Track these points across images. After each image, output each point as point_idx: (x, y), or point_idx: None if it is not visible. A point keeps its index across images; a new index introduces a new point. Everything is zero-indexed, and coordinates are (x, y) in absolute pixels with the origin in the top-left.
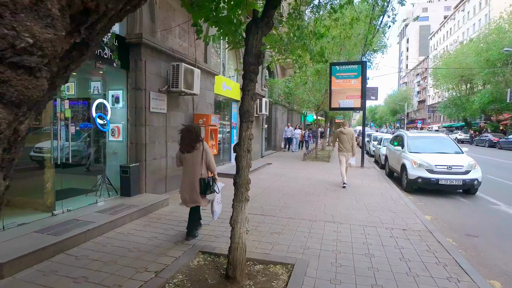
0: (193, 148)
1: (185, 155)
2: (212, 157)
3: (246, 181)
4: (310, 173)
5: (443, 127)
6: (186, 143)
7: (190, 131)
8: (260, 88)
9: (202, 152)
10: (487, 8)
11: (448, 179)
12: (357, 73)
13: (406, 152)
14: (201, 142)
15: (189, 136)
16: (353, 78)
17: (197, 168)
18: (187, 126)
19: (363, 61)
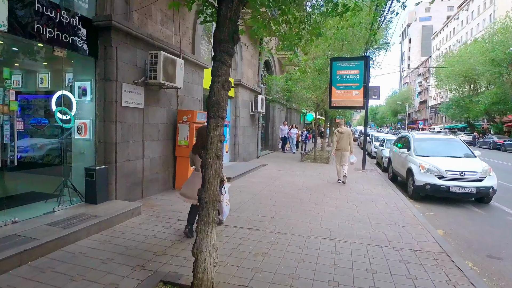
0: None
1: (196, 156)
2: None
3: (215, 197)
4: (307, 176)
5: (445, 128)
6: (199, 145)
7: (203, 134)
8: (256, 84)
9: None
10: (492, 7)
11: (460, 187)
12: (360, 70)
13: (412, 155)
14: None
15: (202, 139)
16: (355, 75)
17: None
18: (201, 129)
19: (366, 56)
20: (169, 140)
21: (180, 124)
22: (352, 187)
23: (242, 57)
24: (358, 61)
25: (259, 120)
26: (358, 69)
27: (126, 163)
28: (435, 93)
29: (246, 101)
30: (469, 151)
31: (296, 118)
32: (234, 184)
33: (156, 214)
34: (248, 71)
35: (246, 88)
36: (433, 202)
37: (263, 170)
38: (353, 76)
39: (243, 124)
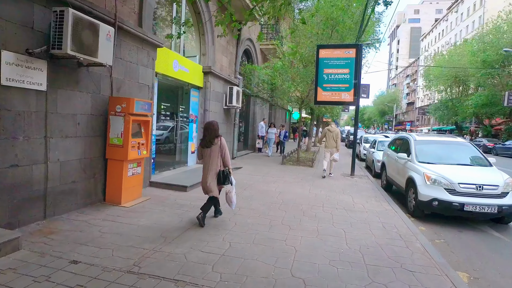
0: (211, 143)
1: (205, 150)
2: (228, 152)
3: None
4: (287, 184)
5: (432, 130)
6: (207, 139)
7: (210, 129)
8: (233, 75)
9: (220, 146)
10: (481, 9)
11: (478, 204)
12: (350, 69)
13: (414, 161)
14: (219, 138)
15: (209, 133)
16: (344, 75)
17: (215, 161)
18: (208, 124)
19: (358, 44)
20: (95, 137)
21: (113, 116)
22: (340, 199)
23: (214, 40)
24: (348, 49)
25: (236, 116)
26: (349, 68)
27: (12, 170)
28: (422, 95)
29: (218, 93)
30: (482, 158)
31: (281, 116)
32: (188, 196)
33: (47, 249)
34: (223, 59)
35: (219, 77)
36: (439, 221)
37: (236, 175)
38: (342, 76)
39: (214, 119)
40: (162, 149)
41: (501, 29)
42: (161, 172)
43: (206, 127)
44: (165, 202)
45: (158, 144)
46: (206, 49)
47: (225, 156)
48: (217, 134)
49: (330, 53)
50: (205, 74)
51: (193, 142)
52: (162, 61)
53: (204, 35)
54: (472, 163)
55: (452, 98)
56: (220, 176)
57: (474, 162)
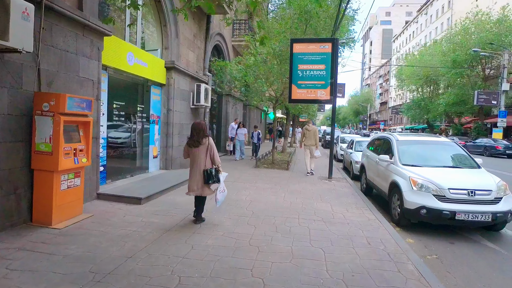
0: (199, 143)
1: (193, 149)
2: (216, 151)
3: None
4: (259, 190)
5: (405, 129)
6: (194, 139)
7: (198, 129)
8: (202, 72)
9: (208, 146)
10: (449, 11)
11: (471, 212)
12: (326, 65)
13: (397, 164)
14: (207, 137)
15: (197, 133)
16: (320, 71)
17: (203, 161)
18: (196, 124)
19: (334, 38)
20: (16, 143)
21: (39, 116)
22: (318, 208)
23: (177, 32)
24: (324, 43)
25: (205, 116)
26: (324, 64)
27: None
28: (395, 95)
29: (184, 91)
30: (469, 158)
31: (256, 116)
32: (142, 210)
33: None
34: (189, 54)
35: (185, 74)
36: (427, 231)
37: None
38: (318, 72)
39: (179, 121)
40: (116, 154)
41: (469, 30)
42: (114, 181)
43: (194, 127)
44: (110, 219)
45: (112, 149)
46: (169, 42)
47: (214, 156)
48: (206, 134)
49: (304, 48)
50: (168, 69)
51: (155, 145)
52: (113, 53)
53: (166, 26)
54: (459, 165)
55: (423, 97)
56: (204, 175)
57: (462, 163)
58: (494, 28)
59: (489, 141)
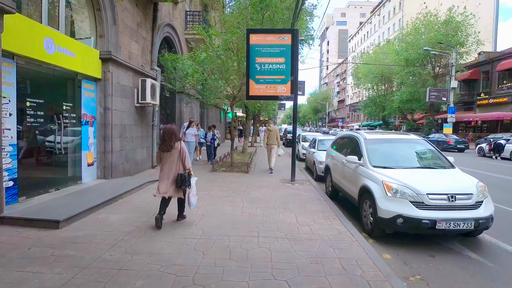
0: (172, 147)
1: (164, 154)
2: (188, 155)
3: None
4: (214, 200)
5: (362, 126)
6: (167, 143)
7: (170, 133)
8: (149, 66)
9: (180, 150)
10: (400, 13)
11: (452, 220)
12: (286, 58)
13: (367, 166)
14: (179, 142)
15: (169, 137)
16: (280, 64)
17: (174, 165)
18: (168, 128)
19: (294, 29)
20: None
21: None
22: (281, 221)
23: (115, 19)
24: (283, 34)
25: (154, 115)
26: (284, 57)
27: None
28: (351, 93)
29: (126, 87)
30: (441, 157)
31: (215, 115)
32: (59, 237)
33: None
34: (132, 45)
35: (126, 67)
36: (401, 241)
37: (149, 191)
38: (277, 66)
39: (120, 121)
40: (35, 164)
41: (420, 30)
42: (30, 198)
43: (166, 131)
44: (6, 256)
45: (28, 158)
46: (105, 30)
47: (185, 159)
48: (178, 138)
49: (262, 39)
50: (104, 61)
51: (90, 151)
52: (23, 38)
53: (100, 11)
54: (433, 165)
55: (379, 95)
56: (178, 180)
57: (435, 163)
58: (442, 28)
59: (441, 136)
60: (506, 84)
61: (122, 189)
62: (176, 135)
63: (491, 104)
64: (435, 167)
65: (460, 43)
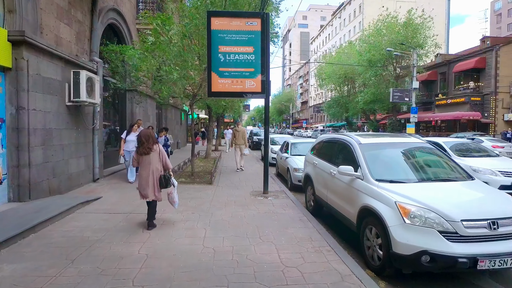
0: (150, 150)
1: (143, 157)
2: (167, 156)
3: None
4: (165, 227)
5: (327, 127)
6: (145, 146)
7: (147, 136)
8: (86, 54)
9: (159, 153)
10: (360, 16)
11: (497, 256)
12: (255, 47)
13: (368, 180)
14: (157, 144)
15: (146, 140)
16: (248, 55)
17: (155, 167)
18: (145, 131)
19: (265, 13)
20: None
21: None
22: (259, 259)
23: None
24: (251, 18)
25: (96, 117)
26: (253, 45)
27: None
28: (314, 94)
29: (52, 80)
30: (456, 165)
31: (175, 117)
32: None
33: None
34: (61, 28)
35: (52, 55)
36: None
37: (80, 216)
38: (245, 56)
39: (44, 125)
40: None
41: (381, 32)
42: None
43: (143, 134)
44: None
45: None
46: (15, 2)
47: (166, 161)
48: (155, 141)
49: (226, 24)
50: (15, 45)
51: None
52: None
53: None
54: (450, 177)
55: (342, 95)
56: (162, 181)
57: (450, 174)
58: (402, 30)
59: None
60: (462, 85)
61: (40, 217)
62: (153, 137)
63: (449, 104)
64: (453, 179)
65: (419, 45)
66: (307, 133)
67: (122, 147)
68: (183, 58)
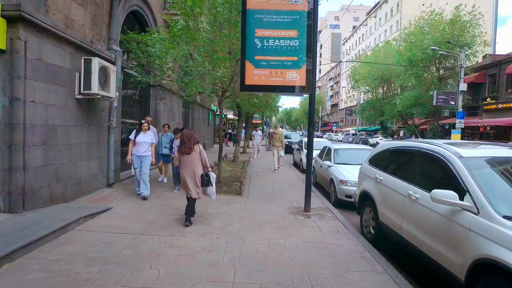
0: (192, 150)
1: (184, 156)
2: (206, 156)
3: None
4: (181, 261)
5: (359, 131)
6: (187, 146)
7: (189, 136)
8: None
9: (199, 153)
10: (398, 14)
11: None
12: (300, 30)
13: (493, 219)
14: (198, 144)
15: (188, 140)
16: (291, 40)
17: (198, 167)
18: (188, 132)
19: None
20: None
21: None
22: None
23: None
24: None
25: (112, 113)
26: (297, 29)
27: None
28: (345, 96)
29: (58, 68)
30: None
31: (202, 117)
32: None
33: None
34: (73, 8)
35: (58, 38)
36: None
37: (80, 235)
38: (287, 42)
39: (45, 120)
40: None
41: (424, 30)
42: None
43: (185, 134)
44: None
45: None
46: None
47: (206, 161)
48: (197, 141)
49: (265, 2)
50: (10, 22)
51: None
52: None
53: None
54: None
55: (378, 98)
56: (204, 180)
57: None
58: (448, 28)
59: None
60: None
61: (25, 236)
62: (194, 138)
63: (500, 109)
64: None
65: (466, 44)
66: (337, 137)
67: (130, 151)
68: (213, 47)
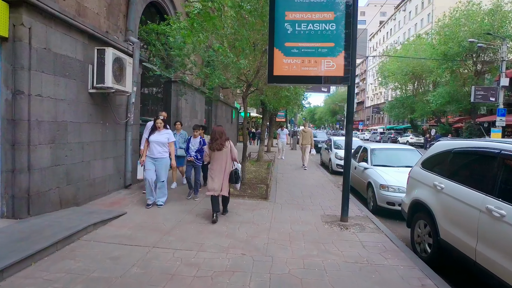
0: (223, 146)
1: (215, 152)
2: (236, 153)
3: None
4: (199, 284)
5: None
6: (218, 142)
7: (220, 133)
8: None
9: (230, 150)
10: (430, 7)
11: None
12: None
13: None
14: (229, 141)
15: (220, 136)
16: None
17: (228, 163)
18: (219, 128)
19: None
20: None
21: None
22: None
23: None
24: None
25: (129, 109)
26: (333, 10)
27: None
28: (372, 94)
29: (68, 59)
30: None
31: (225, 114)
32: None
33: None
34: None
35: (68, 25)
36: None
37: (86, 246)
38: (322, 26)
39: (55, 116)
40: None
41: (460, 21)
42: None
43: (217, 131)
44: None
45: None
46: None
47: (235, 156)
48: (227, 138)
49: None
50: (14, 7)
51: None
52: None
53: None
54: None
55: (407, 95)
56: (232, 177)
57: None
58: (487, 19)
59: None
60: None
61: (22, 249)
62: (225, 134)
63: None
64: None
65: (508, 36)
66: (363, 136)
67: (145, 152)
68: (237, 36)
